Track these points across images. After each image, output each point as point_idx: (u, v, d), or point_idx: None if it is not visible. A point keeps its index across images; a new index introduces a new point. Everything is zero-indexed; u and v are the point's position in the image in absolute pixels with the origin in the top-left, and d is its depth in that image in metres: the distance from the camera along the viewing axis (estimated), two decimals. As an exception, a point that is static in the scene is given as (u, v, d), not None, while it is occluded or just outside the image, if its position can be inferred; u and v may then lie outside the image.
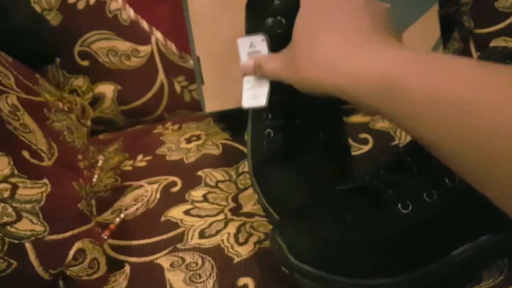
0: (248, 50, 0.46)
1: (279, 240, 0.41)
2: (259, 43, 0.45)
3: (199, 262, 0.45)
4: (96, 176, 0.60)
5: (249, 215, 0.52)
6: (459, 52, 0.71)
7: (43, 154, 0.48)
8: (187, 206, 0.54)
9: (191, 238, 0.49)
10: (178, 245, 0.48)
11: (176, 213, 0.53)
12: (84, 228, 0.45)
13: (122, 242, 0.49)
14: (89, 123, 0.68)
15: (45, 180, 0.45)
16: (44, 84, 0.61)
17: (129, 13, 0.75)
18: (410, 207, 0.40)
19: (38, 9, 0.72)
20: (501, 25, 0.65)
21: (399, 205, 0.40)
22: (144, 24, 0.75)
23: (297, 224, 0.43)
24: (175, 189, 0.58)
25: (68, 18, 0.73)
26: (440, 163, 0.40)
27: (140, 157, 0.66)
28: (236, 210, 0.53)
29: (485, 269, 0.42)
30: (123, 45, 0.75)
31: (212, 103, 0.65)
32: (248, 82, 0.46)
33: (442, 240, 0.40)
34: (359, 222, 0.41)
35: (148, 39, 0.75)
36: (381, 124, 0.65)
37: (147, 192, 0.57)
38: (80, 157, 0.56)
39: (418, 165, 0.41)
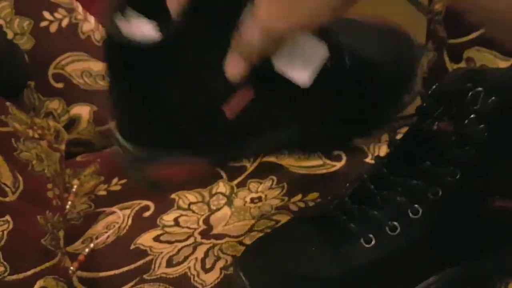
0: None
1: (242, 277, 0.41)
2: None
3: (164, 295, 0.45)
4: (69, 202, 0.60)
5: (219, 236, 0.52)
6: (434, 62, 0.70)
7: (7, 189, 0.48)
8: (157, 232, 0.54)
9: (158, 267, 0.49)
10: (145, 276, 0.48)
11: (145, 240, 0.53)
12: (47, 264, 0.45)
13: (90, 274, 0.49)
14: (63, 147, 0.67)
15: (7, 217, 0.45)
16: (14, 112, 0.61)
17: (102, 33, 0.74)
18: (373, 242, 0.39)
19: (10, 34, 0.72)
20: (474, 35, 0.64)
21: (362, 239, 0.39)
22: (118, 43, 0.75)
23: (260, 259, 0.42)
24: (147, 213, 0.58)
25: (41, 42, 0.73)
26: (403, 193, 0.40)
27: (115, 180, 0.66)
28: (207, 232, 0.53)
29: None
30: (97, 66, 0.74)
31: None
32: None
33: (406, 274, 0.40)
34: (322, 256, 0.40)
35: (123, 58, 0.75)
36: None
37: (119, 218, 0.57)
38: (49, 186, 0.56)
39: (380, 195, 0.40)
